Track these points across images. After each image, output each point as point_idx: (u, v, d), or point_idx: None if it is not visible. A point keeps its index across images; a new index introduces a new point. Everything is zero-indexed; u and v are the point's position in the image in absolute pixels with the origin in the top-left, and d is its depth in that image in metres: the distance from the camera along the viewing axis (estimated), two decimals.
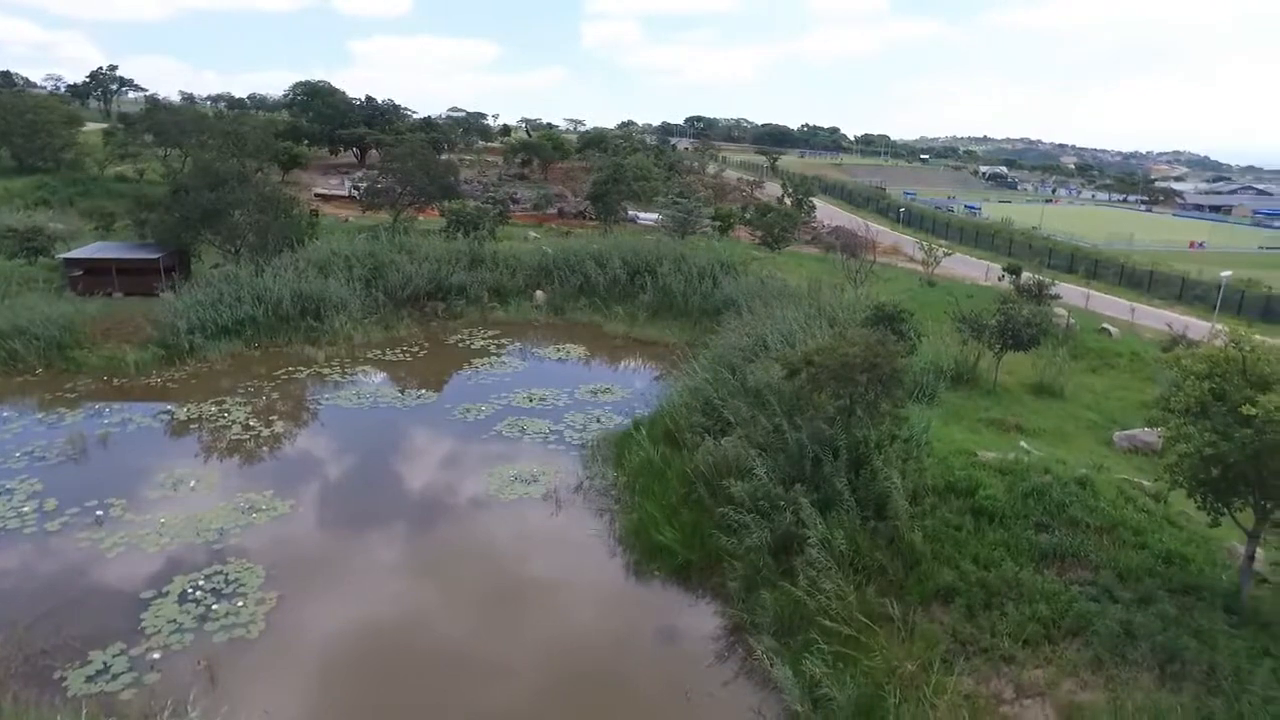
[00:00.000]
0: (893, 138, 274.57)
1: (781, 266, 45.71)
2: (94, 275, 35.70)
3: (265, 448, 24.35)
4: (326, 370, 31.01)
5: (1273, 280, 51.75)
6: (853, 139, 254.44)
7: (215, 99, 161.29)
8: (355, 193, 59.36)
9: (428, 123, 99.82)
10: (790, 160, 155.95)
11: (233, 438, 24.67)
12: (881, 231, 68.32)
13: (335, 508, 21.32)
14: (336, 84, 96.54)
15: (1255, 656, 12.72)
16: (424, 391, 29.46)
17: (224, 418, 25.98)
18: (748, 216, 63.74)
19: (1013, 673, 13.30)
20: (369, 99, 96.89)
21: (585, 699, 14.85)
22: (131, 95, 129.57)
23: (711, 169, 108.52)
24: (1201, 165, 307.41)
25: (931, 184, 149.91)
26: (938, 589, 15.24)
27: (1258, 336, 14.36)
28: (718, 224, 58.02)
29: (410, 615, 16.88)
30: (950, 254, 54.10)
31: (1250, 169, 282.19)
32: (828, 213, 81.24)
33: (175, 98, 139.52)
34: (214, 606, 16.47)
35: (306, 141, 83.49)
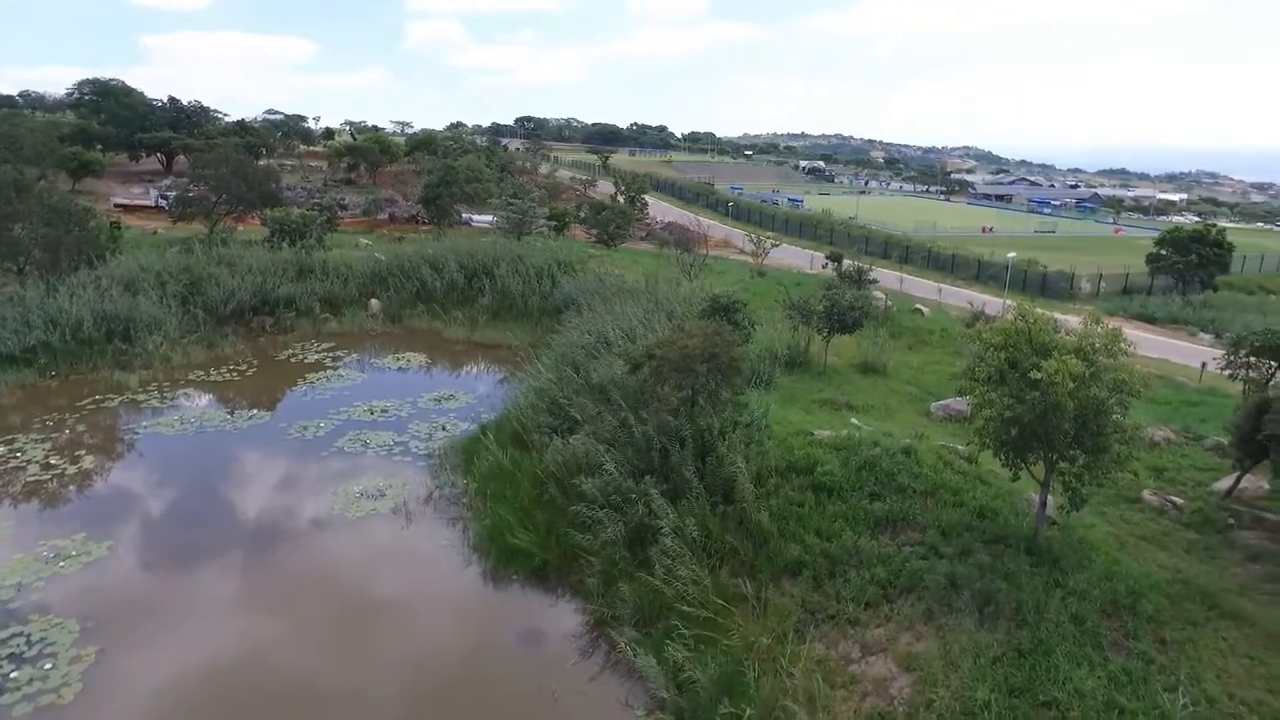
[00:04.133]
0: (718, 135, 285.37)
1: (618, 263, 46.43)
2: None
3: (72, 486, 22.01)
4: (142, 396, 28.42)
5: (1046, 259, 58.31)
6: (680, 137, 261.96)
7: None
8: (163, 202, 54.75)
9: (242, 126, 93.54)
10: (621, 159, 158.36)
11: (29, 479, 22.10)
12: (713, 226, 70.86)
13: (161, 545, 19.61)
14: (132, 83, 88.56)
15: (1049, 589, 14.40)
16: (256, 411, 27.67)
17: (16, 458, 23.23)
18: (582, 215, 64.17)
19: (858, 633, 14.29)
20: (173, 100, 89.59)
21: (451, 714, 14.55)
22: None
23: (544, 169, 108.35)
24: (986, 159, 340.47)
25: (756, 179, 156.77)
26: (786, 564, 16.10)
27: (1039, 310, 16.15)
28: (553, 223, 58.11)
29: (254, 652, 15.82)
30: (778, 245, 56.99)
31: (1023, 163, 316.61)
32: (660, 209, 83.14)
33: None
34: (13, 675, 14.47)
35: (100, 146, 75.90)
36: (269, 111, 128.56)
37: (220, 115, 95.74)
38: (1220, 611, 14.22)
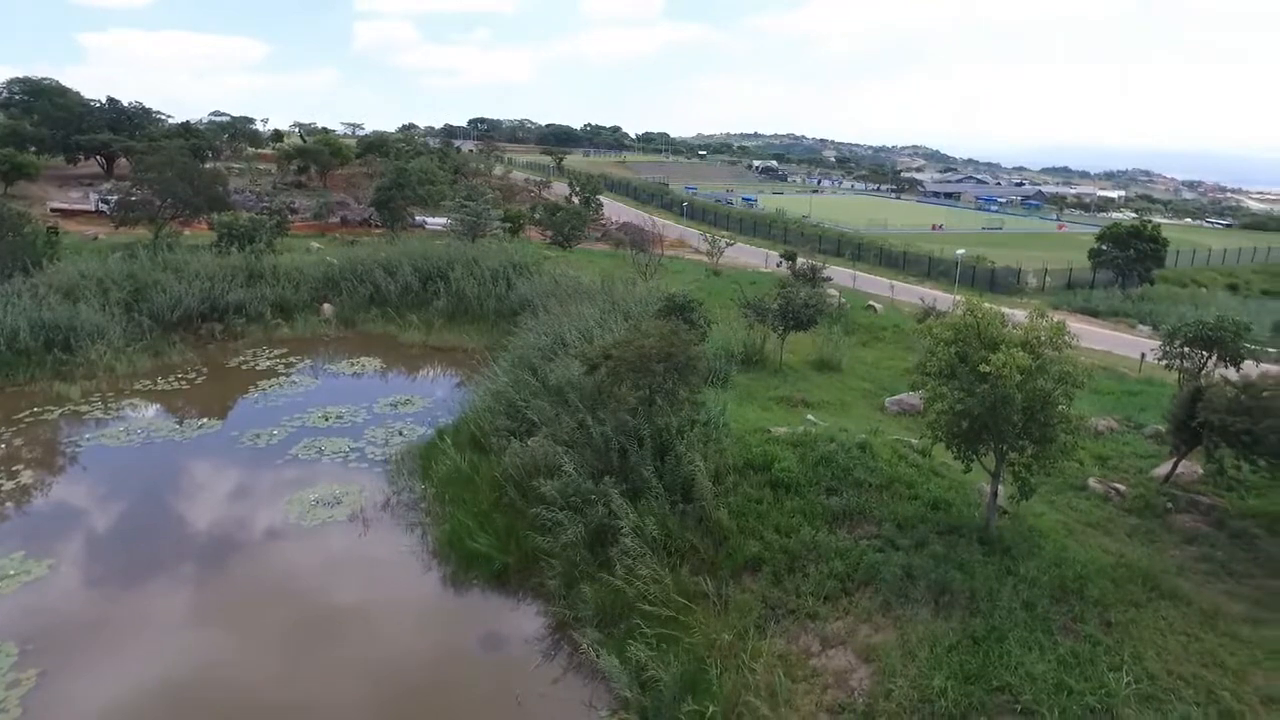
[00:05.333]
0: (672, 135, 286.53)
1: (574, 264, 46.32)
2: None
3: (10, 503, 21.25)
4: (84, 407, 27.55)
5: (994, 255, 59.55)
6: (634, 137, 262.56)
7: None
8: (104, 207, 53.14)
9: (187, 128, 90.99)
10: (575, 159, 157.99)
11: None
12: (667, 225, 71.07)
13: (107, 561, 19.06)
14: (67, 82, 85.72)
15: (1001, 577, 14.79)
16: (206, 420, 27.00)
17: None
18: (537, 216, 63.93)
19: (818, 627, 14.49)
20: (112, 101, 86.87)
21: None
22: None
23: (498, 170, 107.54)
24: (934, 158, 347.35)
25: (710, 178, 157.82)
26: (746, 560, 16.26)
27: (987, 304, 16.55)
28: (508, 225, 57.73)
29: (207, 668, 15.43)
30: (732, 244, 57.42)
31: (970, 161, 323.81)
32: (615, 209, 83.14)
33: None
34: None
35: (34, 149, 73.32)
36: (215, 113, 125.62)
37: (163, 117, 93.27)
38: (1160, 592, 14.77)
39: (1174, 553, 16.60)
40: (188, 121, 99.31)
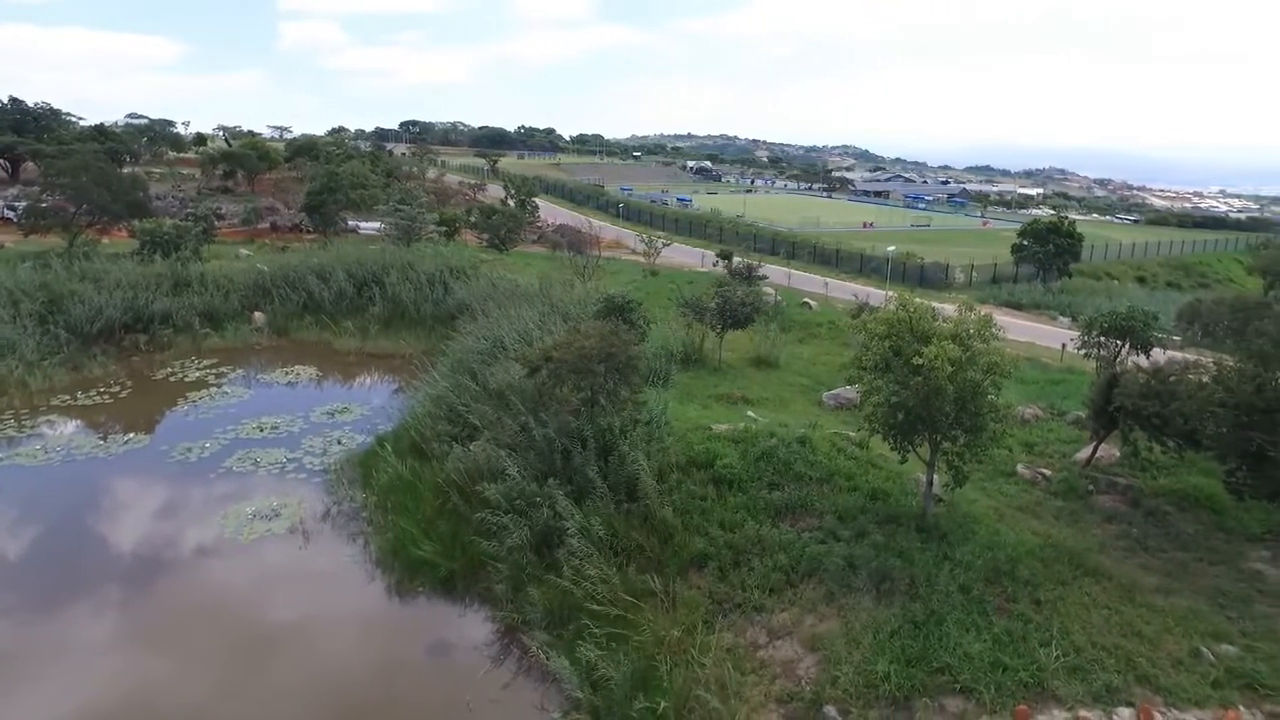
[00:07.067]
0: (606, 136, 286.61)
1: (511, 267, 46.08)
2: None
3: None
4: None
5: (923, 252, 61.30)
6: (568, 139, 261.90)
7: None
8: (10, 214, 50.72)
9: (101, 130, 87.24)
10: (510, 162, 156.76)
11: None
12: (604, 227, 71.09)
13: (24, 588, 18.11)
14: None
15: (938, 563, 15.33)
16: (132, 435, 25.98)
17: None
18: (473, 219, 63.34)
19: (764, 620, 14.77)
20: (15, 101, 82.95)
21: None
22: None
23: (432, 173, 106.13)
24: (864, 158, 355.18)
25: (645, 179, 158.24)
26: (692, 557, 16.45)
27: (918, 299, 17.11)
28: (443, 229, 57.12)
29: (138, 694, 14.85)
30: (669, 244, 57.82)
31: (898, 160, 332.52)
32: (551, 211, 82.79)
33: None
34: None
35: None
36: (131, 115, 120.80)
37: (74, 119, 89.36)
38: (1084, 569, 15.52)
39: (1096, 532, 17.46)
40: (102, 124, 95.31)
